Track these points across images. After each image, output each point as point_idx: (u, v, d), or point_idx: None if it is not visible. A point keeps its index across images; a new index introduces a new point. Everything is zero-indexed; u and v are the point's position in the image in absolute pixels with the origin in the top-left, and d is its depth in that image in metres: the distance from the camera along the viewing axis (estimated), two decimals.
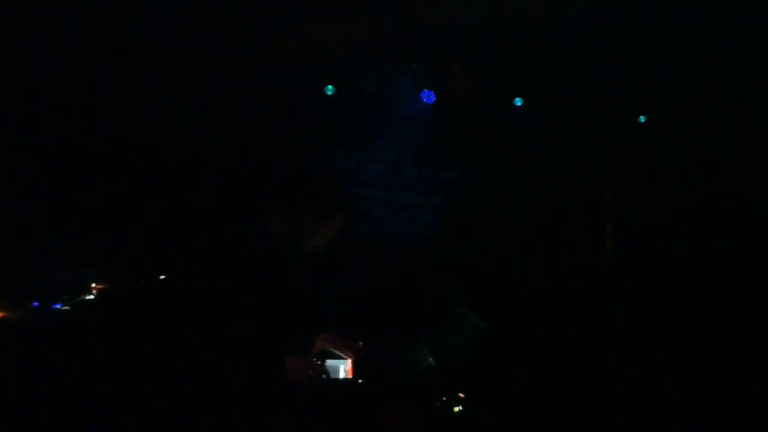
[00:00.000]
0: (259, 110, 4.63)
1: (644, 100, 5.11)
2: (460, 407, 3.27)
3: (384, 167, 5.25)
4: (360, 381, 2.63)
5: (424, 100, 5.05)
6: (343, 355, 2.61)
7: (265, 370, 2.46)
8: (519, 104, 5.11)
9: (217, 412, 2.46)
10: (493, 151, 5.18)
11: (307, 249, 2.81)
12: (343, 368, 2.61)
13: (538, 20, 4.16)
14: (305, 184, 3.14)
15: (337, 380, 2.59)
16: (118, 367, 2.98)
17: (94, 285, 3.52)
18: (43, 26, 3.86)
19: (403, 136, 5.21)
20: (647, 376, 4.42)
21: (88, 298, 3.50)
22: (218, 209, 4.11)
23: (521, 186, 5.11)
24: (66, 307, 3.47)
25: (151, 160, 4.37)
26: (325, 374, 2.57)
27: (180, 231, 4.10)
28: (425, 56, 4.82)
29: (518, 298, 4.71)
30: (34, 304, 3.50)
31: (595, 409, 4.22)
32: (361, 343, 2.65)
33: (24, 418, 2.91)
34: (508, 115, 5.13)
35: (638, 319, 4.77)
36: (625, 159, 5.17)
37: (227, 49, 4.40)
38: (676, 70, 4.63)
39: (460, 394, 3.29)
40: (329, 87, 4.83)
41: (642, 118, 5.21)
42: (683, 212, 5.10)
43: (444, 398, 3.27)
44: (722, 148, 5.06)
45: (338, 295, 2.87)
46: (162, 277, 3.39)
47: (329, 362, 2.60)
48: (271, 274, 2.66)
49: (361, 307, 2.91)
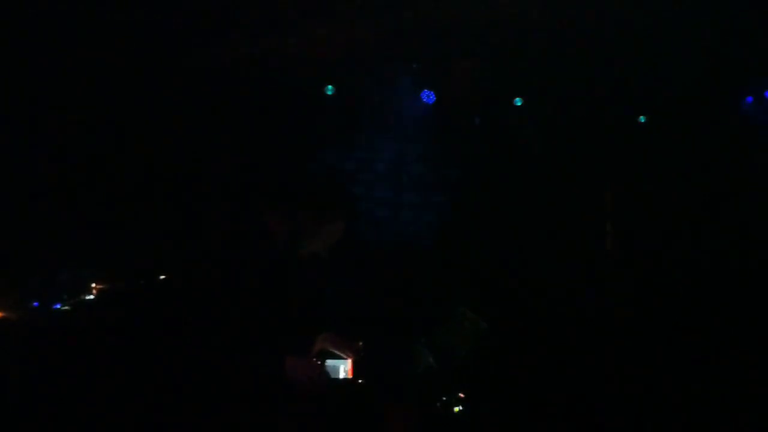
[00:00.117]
0: (259, 111, 4.63)
1: (644, 100, 5.11)
2: (460, 407, 3.27)
3: (384, 167, 5.25)
4: (360, 381, 2.62)
5: (424, 100, 5.05)
6: (343, 355, 2.61)
7: (265, 370, 2.46)
8: (519, 104, 5.11)
9: (218, 412, 2.45)
10: (493, 151, 5.18)
11: (308, 249, 2.81)
12: (343, 368, 2.61)
13: (538, 20, 4.16)
14: (305, 185, 3.14)
15: (337, 380, 2.59)
16: (118, 367, 2.98)
17: (94, 285, 3.52)
18: (43, 26, 3.86)
19: (403, 136, 5.21)
20: (647, 376, 4.41)
21: (88, 298, 3.50)
22: (218, 209, 4.11)
23: (521, 186, 5.11)
24: (66, 307, 3.47)
25: (152, 161, 4.37)
26: (326, 374, 2.57)
27: (180, 231, 4.11)
28: (425, 56, 4.82)
29: (518, 298, 4.71)
30: (34, 304, 3.50)
31: (595, 409, 4.22)
32: (361, 343, 2.65)
33: (24, 418, 2.91)
34: (508, 115, 5.13)
35: (638, 319, 4.77)
36: (625, 159, 5.17)
37: (227, 50, 4.40)
38: (676, 70, 4.63)
39: (460, 394, 3.29)
40: (329, 87, 4.83)
41: (642, 118, 5.21)
42: (683, 212, 5.11)
43: (444, 398, 3.27)
44: (722, 148, 5.06)
45: (338, 295, 2.87)
46: (162, 277, 3.39)
47: (329, 362, 2.59)
48: (271, 274, 2.66)
49: (361, 307, 2.91)
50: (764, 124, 5.01)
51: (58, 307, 3.47)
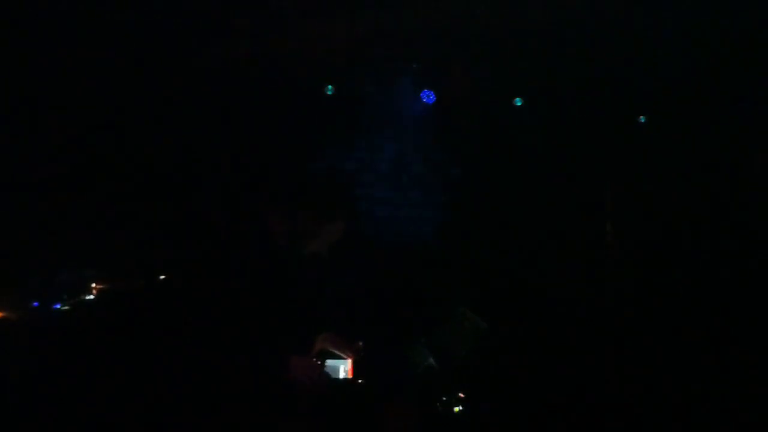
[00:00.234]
0: (259, 110, 4.62)
1: (644, 100, 5.11)
2: (460, 407, 3.27)
3: (383, 167, 5.25)
4: (360, 381, 2.62)
5: (424, 100, 5.05)
6: (343, 355, 2.61)
7: (265, 370, 2.46)
8: (519, 104, 5.11)
9: (218, 412, 2.46)
10: (493, 152, 5.18)
11: (308, 249, 2.81)
12: (343, 368, 2.61)
13: (538, 20, 4.16)
14: (305, 185, 3.14)
15: (337, 380, 2.59)
16: (119, 367, 2.98)
17: (94, 285, 3.52)
18: (43, 26, 3.86)
19: (403, 136, 5.21)
20: (647, 376, 4.41)
21: (88, 298, 3.50)
22: (219, 209, 4.11)
23: (521, 186, 5.10)
24: (66, 307, 3.47)
25: (152, 161, 4.37)
26: (326, 374, 2.57)
27: (180, 231, 4.10)
28: (425, 56, 4.82)
29: (518, 298, 4.71)
30: (34, 304, 3.50)
31: (595, 409, 4.22)
32: (361, 343, 2.65)
33: (24, 418, 2.91)
34: (508, 115, 5.13)
35: (638, 319, 4.77)
36: (625, 159, 5.17)
37: (227, 49, 4.40)
38: (676, 70, 4.63)
39: (460, 394, 3.29)
40: (329, 87, 4.83)
41: (642, 118, 5.21)
42: (683, 212, 5.10)
43: (444, 398, 3.27)
44: (722, 148, 5.06)
45: (338, 295, 2.87)
46: (162, 277, 3.40)
47: (329, 362, 2.59)
48: (272, 275, 2.66)
49: (361, 307, 2.91)
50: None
51: (58, 307, 3.47)
